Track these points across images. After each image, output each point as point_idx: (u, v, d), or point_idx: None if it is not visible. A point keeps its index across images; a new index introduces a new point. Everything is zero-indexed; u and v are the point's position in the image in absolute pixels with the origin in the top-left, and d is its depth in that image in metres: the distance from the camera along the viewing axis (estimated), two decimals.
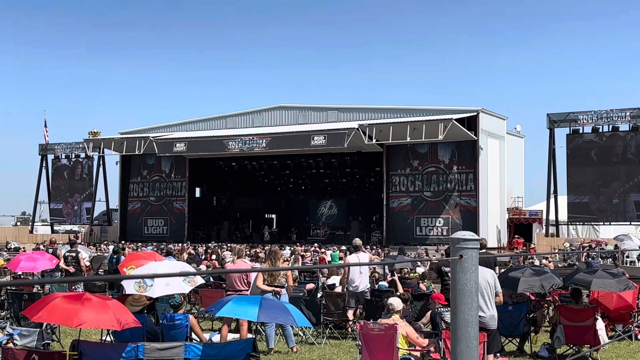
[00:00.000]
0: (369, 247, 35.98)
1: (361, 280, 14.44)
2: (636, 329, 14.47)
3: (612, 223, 41.78)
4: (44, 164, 57.90)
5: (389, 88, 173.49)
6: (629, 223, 40.88)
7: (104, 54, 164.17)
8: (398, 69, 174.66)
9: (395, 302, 9.97)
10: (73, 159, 56.74)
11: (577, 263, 29.52)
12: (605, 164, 40.49)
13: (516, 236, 43.60)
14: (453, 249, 3.37)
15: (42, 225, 64.23)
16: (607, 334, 13.14)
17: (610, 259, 29.50)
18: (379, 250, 35.27)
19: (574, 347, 12.52)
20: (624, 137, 40.28)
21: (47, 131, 57.51)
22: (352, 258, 15.22)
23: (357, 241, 15.11)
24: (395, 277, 17.06)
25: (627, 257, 31.08)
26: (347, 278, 14.62)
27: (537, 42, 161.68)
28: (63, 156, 57.21)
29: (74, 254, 19.46)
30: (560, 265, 28.86)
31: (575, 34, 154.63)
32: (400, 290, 15.85)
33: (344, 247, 31.77)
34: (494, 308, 9.34)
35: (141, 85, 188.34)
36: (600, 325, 12.45)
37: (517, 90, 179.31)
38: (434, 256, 31.78)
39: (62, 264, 18.41)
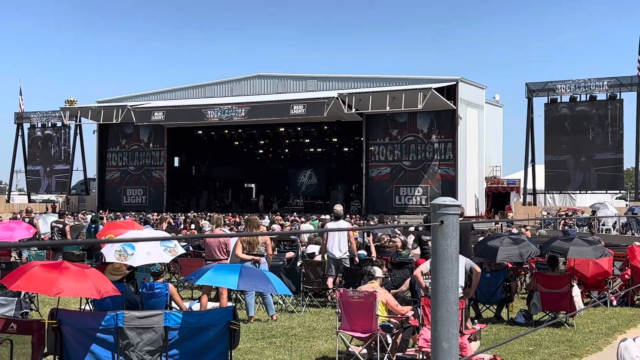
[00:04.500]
0: (348, 216, 36.10)
1: (339, 247, 14.40)
2: (611, 295, 14.70)
3: (587, 192, 42.27)
4: (19, 133, 57.19)
5: (369, 57, 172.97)
6: (605, 192, 41.35)
7: (80, 22, 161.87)
8: (378, 38, 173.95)
9: (377, 270, 10.05)
10: (49, 128, 56.08)
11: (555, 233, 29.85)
12: (581, 132, 40.85)
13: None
14: (434, 214, 3.36)
15: (19, 194, 63.66)
16: (583, 301, 13.34)
17: (586, 227, 29.86)
18: (359, 219, 35.38)
19: (550, 314, 12.71)
20: (601, 106, 40.59)
21: (22, 99, 56.76)
22: (331, 225, 15.18)
23: (339, 210, 14.92)
24: (371, 243, 17.09)
25: (603, 225, 31.47)
26: (326, 245, 14.59)
27: (516, 11, 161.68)
28: (39, 125, 56.51)
29: (60, 225, 19.28)
30: (537, 234, 29.15)
31: (554, 4, 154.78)
32: (374, 253, 15.91)
33: (323, 217, 31.84)
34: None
35: (118, 53, 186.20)
36: (576, 292, 12.63)
37: (496, 60, 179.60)
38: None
39: (41, 231, 18.23)
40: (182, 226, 28.96)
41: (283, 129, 47.77)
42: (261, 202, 52.01)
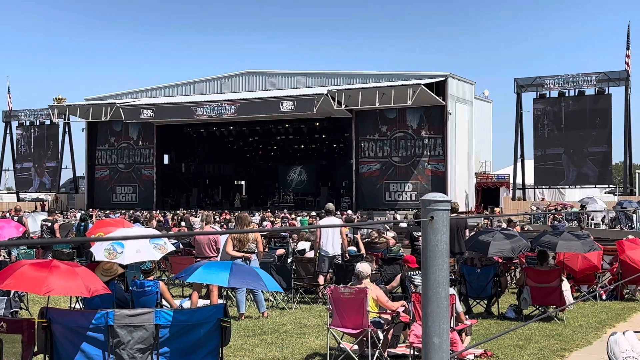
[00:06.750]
0: (339, 212, 36.10)
1: (333, 244, 14.40)
2: (600, 289, 14.76)
3: (577, 186, 42.43)
4: (7, 131, 56.86)
5: (358, 53, 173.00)
6: (593, 186, 41.56)
7: (68, 20, 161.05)
8: (367, 34, 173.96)
9: (364, 268, 9.98)
10: (38, 126, 55.76)
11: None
12: (570, 127, 40.94)
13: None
14: (424, 210, 3.36)
15: (8, 193, 63.30)
16: (573, 295, 13.39)
17: (575, 222, 29.94)
18: (352, 215, 35.37)
19: (540, 308, 12.74)
20: (589, 101, 40.71)
21: (10, 97, 56.41)
22: (324, 222, 15.18)
23: (330, 206, 15.07)
24: (360, 240, 17.09)
25: (592, 219, 31.59)
26: (319, 242, 14.57)
27: (505, 7, 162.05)
28: (27, 123, 56.18)
29: (50, 224, 19.11)
30: (526, 228, 29.23)
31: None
32: (363, 250, 15.93)
33: (313, 213, 31.83)
34: None
35: (107, 50, 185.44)
36: (565, 286, 12.68)
37: (485, 56, 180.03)
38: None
39: (30, 230, 18.11)
40: (172, 224, 28.86)
41: (273, 126, 47.72)
42: (237, 199, 52.29)
